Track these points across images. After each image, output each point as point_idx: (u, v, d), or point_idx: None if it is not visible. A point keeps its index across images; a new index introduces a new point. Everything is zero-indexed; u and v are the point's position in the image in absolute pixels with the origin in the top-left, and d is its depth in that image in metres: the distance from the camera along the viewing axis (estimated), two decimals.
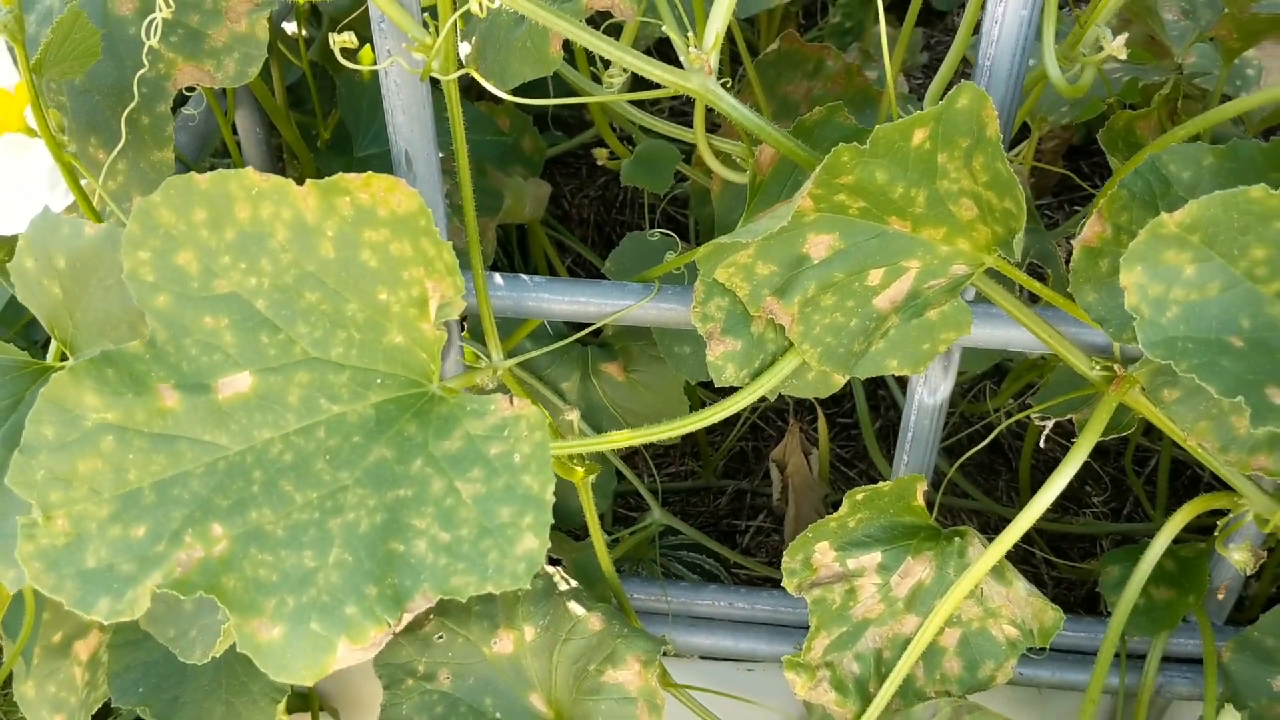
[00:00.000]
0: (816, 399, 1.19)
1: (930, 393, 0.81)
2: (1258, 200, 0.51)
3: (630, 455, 1.25)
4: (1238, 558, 0.75)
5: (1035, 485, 1.20)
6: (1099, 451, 1.26)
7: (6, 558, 0.54)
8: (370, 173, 0.48)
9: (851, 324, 0.68)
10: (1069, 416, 0.85)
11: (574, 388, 0.98)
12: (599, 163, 1.06)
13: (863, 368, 0.70)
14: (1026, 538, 1.18)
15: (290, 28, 1.13)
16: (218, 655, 0.58)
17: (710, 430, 1.29)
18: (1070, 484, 1.26)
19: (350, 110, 1.05)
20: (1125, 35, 0.65)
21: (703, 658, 1.01)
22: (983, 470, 1.24)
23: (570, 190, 1.55)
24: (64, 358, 0.58)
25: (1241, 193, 0.51)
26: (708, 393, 1.17)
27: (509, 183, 1.11)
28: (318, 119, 1.17)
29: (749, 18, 1.43)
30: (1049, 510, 1.18)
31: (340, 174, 0.48)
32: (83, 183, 0.68)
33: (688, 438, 1.27)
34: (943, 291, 0.68)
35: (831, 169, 0.60)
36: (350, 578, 0.46)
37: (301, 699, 1.08)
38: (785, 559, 0.77)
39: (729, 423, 1.29)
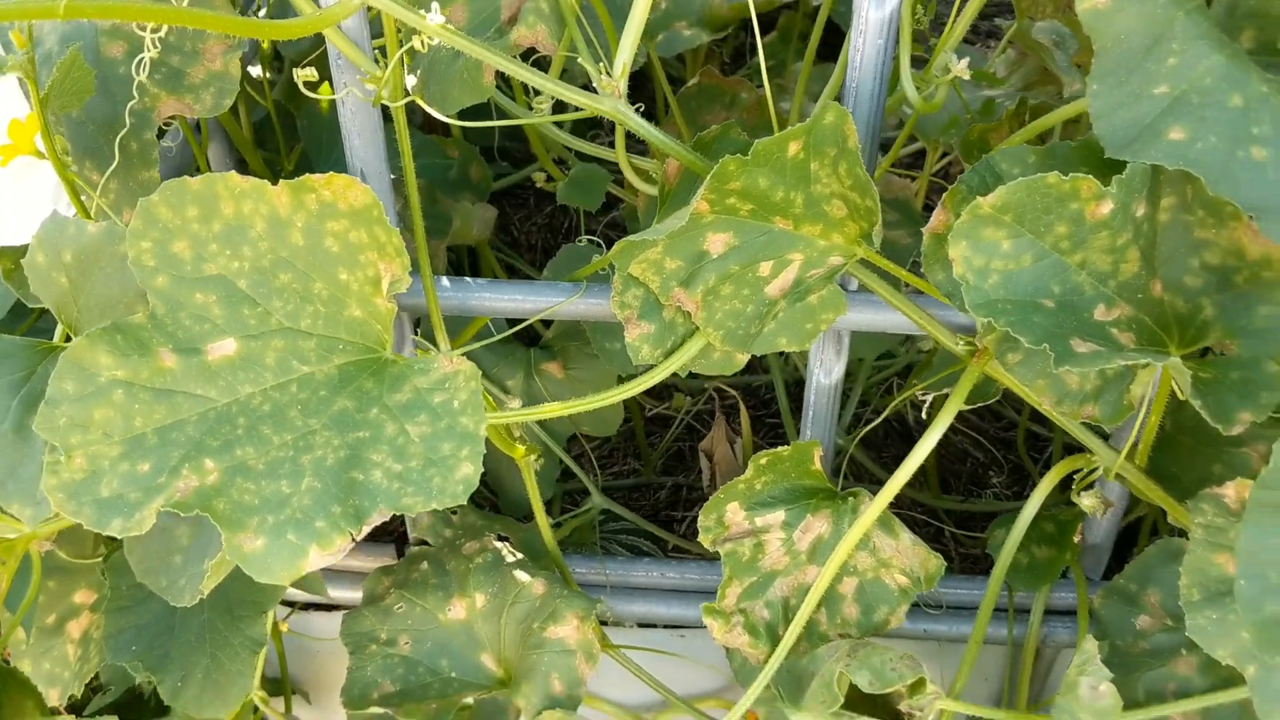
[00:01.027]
0: (742, 399, 1.31)
1: (825, 374, 0.93)
2: (1054, 185, 0.64)
3: (576, 456, 1.35)
4: (1087, 504, 0.86)
5: (939, 464, 1.33)
6: (1002, 442, 1.38)
7: (27, 497, 0.64)
8: (332, 173, 0.59)
9: (748, 309, 0.80)
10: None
11: (518, 385, 1.09)
12: (539, 185, 1.17)
13: (758, 346, 0.81)
14: (936, 516, 1.30)
15: (255, 70, 1.24)
16: (204, 594, 0.68)
17: (649, 432, 1.40)
18: (975, 470, 1.38)
19: (312, 141, 1.16)
20: (967, 59, 0.78)
21: (640, 625, 1.11)
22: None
23: (519, 219, 1.66)
24: (69, 339, 0.68)
25: (1040, 179, 0.64)
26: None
27: (458, 207, 1.22)
28: (281, 153, 1.28)
29: (679, 55, 1.56)
30: (957, 493, 1.30)
31: (308, 174, 0.59)
32: (82, 198, 0.78)
33: (629, 439, 1.38)
34: (822, 279, 0.80)
35: (720, 177, 0.72)
36: (319, 500, 0.57)
37: (274, 683, 1.18)
38: (701, 518, 0.88)
39: (666, 423, 1.40)
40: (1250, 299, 0.67)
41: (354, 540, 0.56)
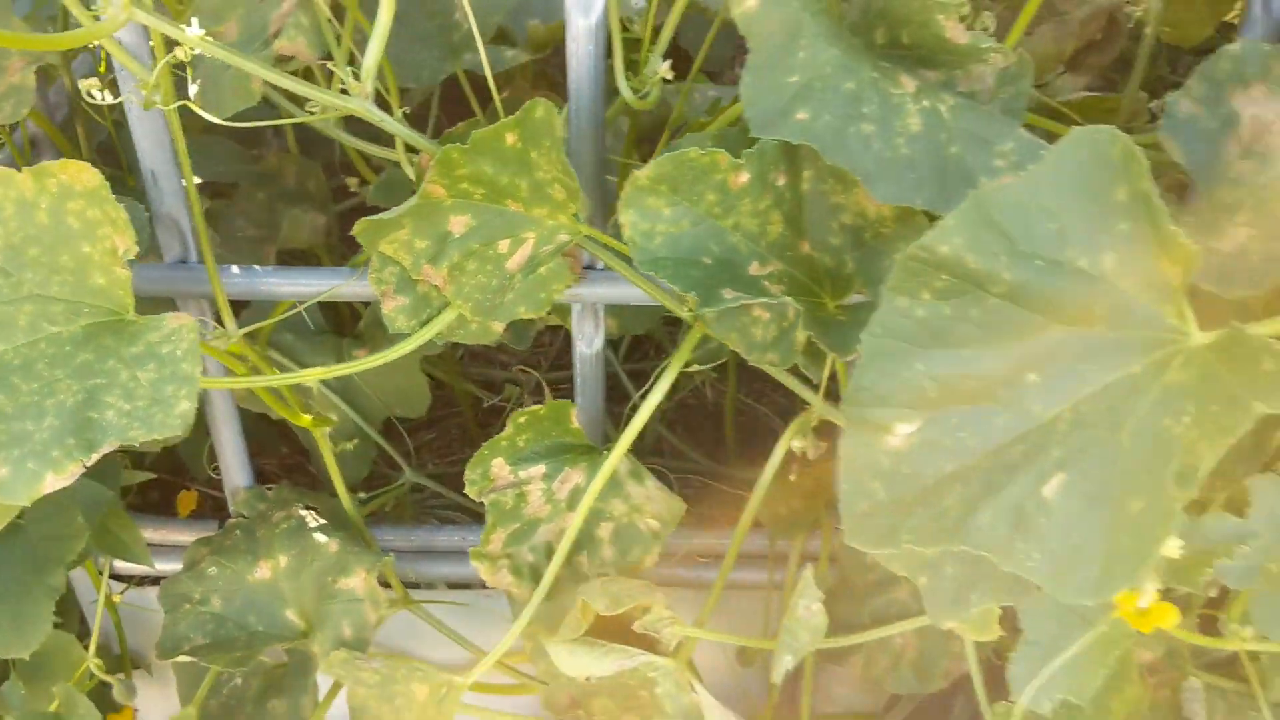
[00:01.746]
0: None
1: (587, 345, 1.04)
2: (695, 159, 0.76)
3: (418, 447, 1.46)
4: (796, 445, 0.98)
5: (740, 436, 1.45)
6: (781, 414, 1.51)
7: None
8: (65, 159, 0.70)
9: (492, 283, 0.91)
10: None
11: None
12: (351, 189, 1.28)
13: (501, 315, 0.92)
14: (735, 484, 1.42)
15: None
16: None
17: (484, 423, 1.51)
18: (767, 441, 1.50)
19: None
20: (670, 60, 0.90)
21: (451, 586, 1.22)
22: (715, 436, 1.48)
23: None
24: None
25: (684, 153, 0.76)
26: (437, 370, 1.39)
27: (288, 213, 1.32)
28: (124, 169, 1.38)
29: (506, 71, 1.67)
30: (745, 461, 1.41)
31: (45, 162, 0.69)
32: None
33: (459, 424, 1.49)
34: (553, 254, 0.91)
35: (444, 164, 0.83)
36: (57, 435, 0.67)
37: (116, 659, 1.26)
38: (467, 472, 0.99)
39: (498, 412, 1.51)
40: (877, 253, 0.79)
41: (84, 466, 0.66)
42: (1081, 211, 0.63)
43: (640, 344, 1.55)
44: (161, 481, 1.34)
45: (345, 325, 1.27)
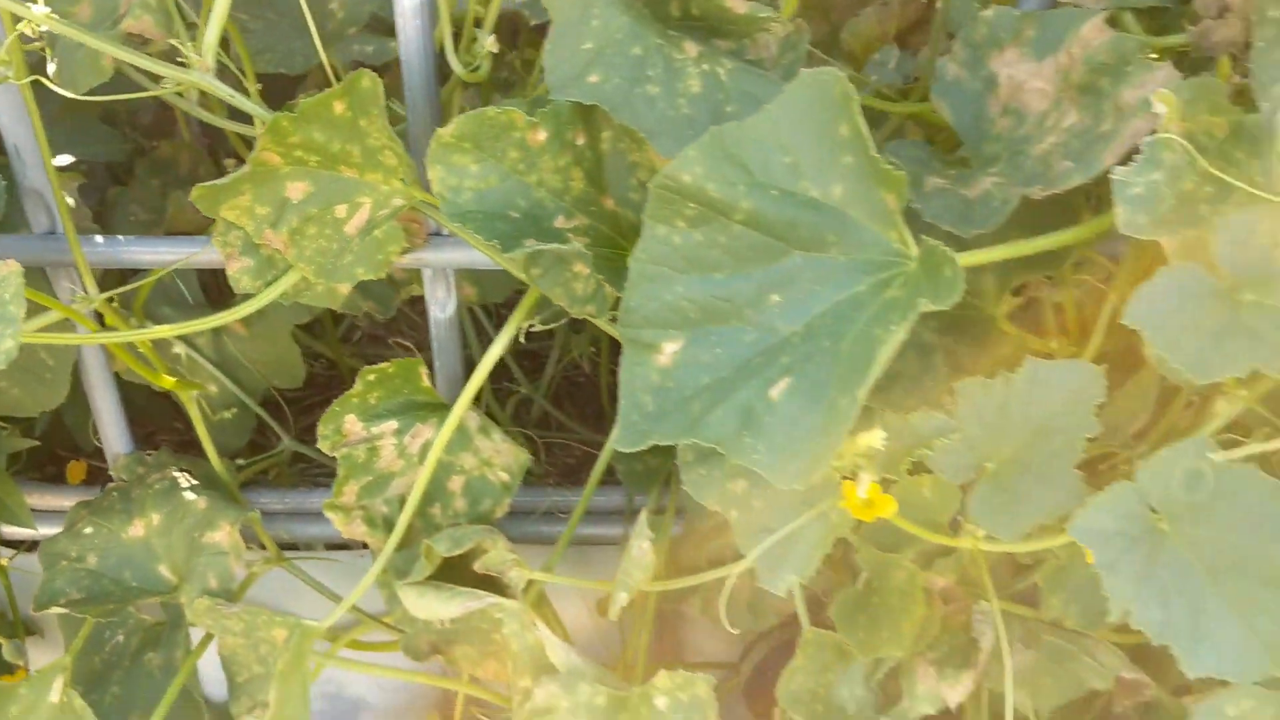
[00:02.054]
0: None
1: (441, 309, 1.10)
2: (493, 116, 0.82)
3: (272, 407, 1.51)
4: None
5: (616, 406, 1.51)
6: None
7: None
8: None
9: (332, 246, 0.97)
10: None
11: (209, 343, 1.25)
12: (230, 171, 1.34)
13: (341, 277, 0.98)
14: (593, 445, 1.48)
15: None
16: None
17: None
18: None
19: None
20: (494, 36, 0.96)
21: (328, 547, 1.27)
22: (597, 410, 1.54)
23: None
24: None
25: (482, 112, 0.82)
26: (311, 341, 1.44)
27: (174, 195, 1.38)
28: None
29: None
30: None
31: None
32: None
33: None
34: (389, 217, 0.97)
35: (275, 131, 0.89)
36: None
37: (9, 624, 1.31)
38: (321, 427, 1.04)
39: None
40: None
41: None
42: (812, 147, 0.70)
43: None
44: (57, 456, 1.39)
45: (223, 298, 1.33)
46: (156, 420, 1.43)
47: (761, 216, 0.71)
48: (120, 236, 1.05)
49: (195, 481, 1.14)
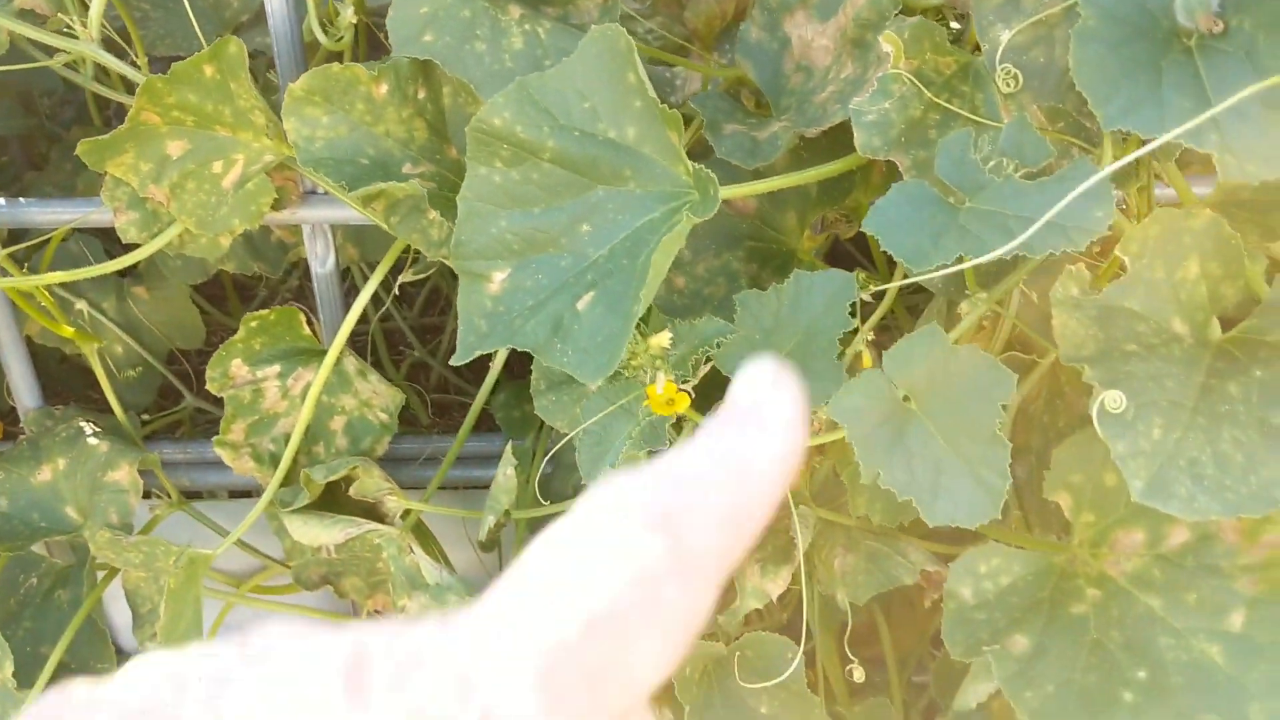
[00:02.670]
0: None
1: (320, 264, 1.20)
2: (337, 72, 0.93)
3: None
4: None
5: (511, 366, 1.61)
6: None
7: None
8: None
9: (211, 199, 1.07)
10: None
11: (113, 306, 1.34)
12: None
13: (219, 227, 1.08)
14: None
15: None
16: None
17: None
18: None
19: None
20: (353, 9, 1.06)
21: (231, 495, 1.37)
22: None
23: None
24: None
25: (328, 68, 0.92)
26: (213, 308, 1.54)
27: (83, 176, 1.47)
28: None
29: None
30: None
31: None
32: None
33: None
34: (260, 172, 1.07)
35: (150, 92, 0.99)
36: None
37: None
38: (209, 370, 1.14)
39: None
40: None
41: None
42: (606, 93, 0.81)
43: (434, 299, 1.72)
44: None
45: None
46: (70, 388, 1.51)
47: (567, 155, 0.81)
48: (21, 199, 1.14)
49: (99, 429, 1.23)
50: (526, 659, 0.23)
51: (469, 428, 1.22)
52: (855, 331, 0.79)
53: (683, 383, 0.81)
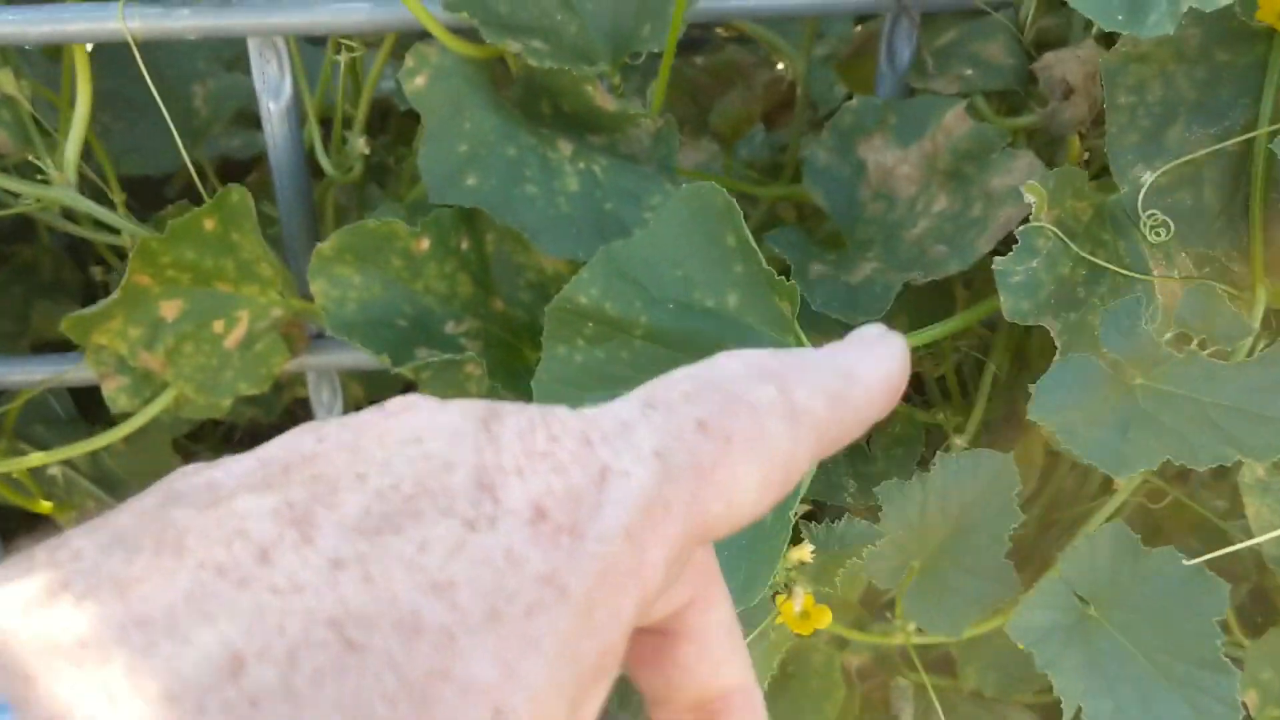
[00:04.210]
0: None
1: (326, 412, 1.07)
2: (373, 229, 0.81)
3: None
4: None
5: None
6: None
7: None
8: None
9: (212, 362, 0.94)
10: None
11: (85, 459, 1.20)
12: (98, 278, 1.29)
13: (223, 393, 0.95)
14: None
15: None
16: None
17: None
18: None
19: None
20: (365, 138, 0.95)
21: None
22: None
23: None
24: None
25: (361, 225, 0.81)
26: (190, 444, 1.40)
27: (39, 305, 1.32)
28: None
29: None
30: None
31: None
32: None
33: None
34: (269, 329, 0.95)
35: (144, 254, 0.86)
36: None
37: None
38: None
39: None
40: None
41: None
42: (702, 258, 0.71)
43: None
44: None
45: (98, 409, 1.27)
46: (38, 525, 1.36)
47: (661, 330, 0.71)
48: None
49: None
50: (646, 434, 0.25)
51: None
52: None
53: (822, 598, 0.71)
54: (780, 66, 1.18)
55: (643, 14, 0.83)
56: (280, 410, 1.19)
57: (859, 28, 1.14)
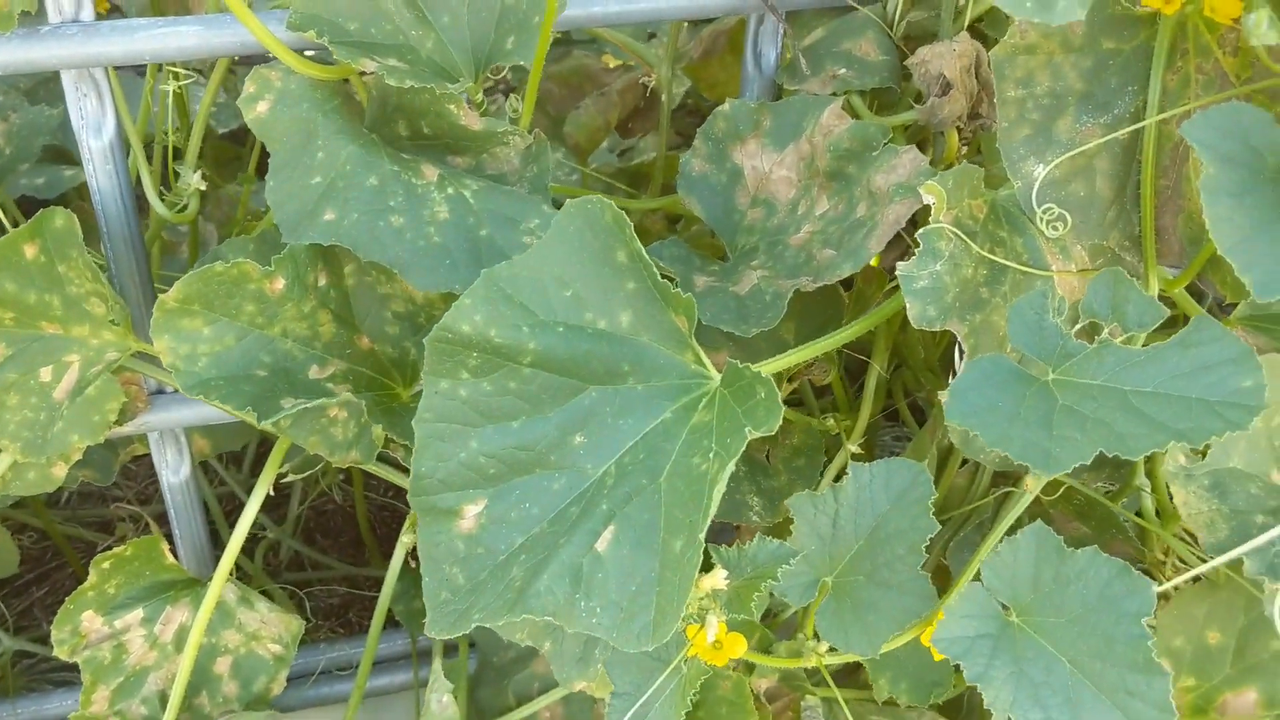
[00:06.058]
0: None
1: (174, 474, 0.98)
2: (221, 272, 0.74)
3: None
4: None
5: (381, 534, 1.42)
6: None
7: None
8: None
9: (39, 416, 0.84)
10: None
11: None
12: None
13: (53, 448, 0.84)
14: (378, 585, 1.39)
15: None
16: None
17: None
18: None
19: None
20: (201, 172, 0.87)
21: None
22: (344, 536, 1.44)
23: None
24: None
25: (209, 269, 0.73)
26: (12, 512, 1.28)
27: None
28: None
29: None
30: (386, 560, 1.37)
31: None
32: None
33: (73, 574, 1.37)
34: (102, 373, 0.85)
35: None
36: None
37: None
38: (54, 632, 0.91)
39: None
40: None
41: None
42: (592, 277, 0.66)
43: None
44: None
45: None
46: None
47: (551, 355, 0.66)
48: None
49: None
50: None
51: (376, 637, 1.02)
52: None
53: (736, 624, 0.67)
54: (633, 70, 1.15)
55: (505, 26, 0.79)
56: (116, 472, 1.08)
57: (706, 29, 1.11)
